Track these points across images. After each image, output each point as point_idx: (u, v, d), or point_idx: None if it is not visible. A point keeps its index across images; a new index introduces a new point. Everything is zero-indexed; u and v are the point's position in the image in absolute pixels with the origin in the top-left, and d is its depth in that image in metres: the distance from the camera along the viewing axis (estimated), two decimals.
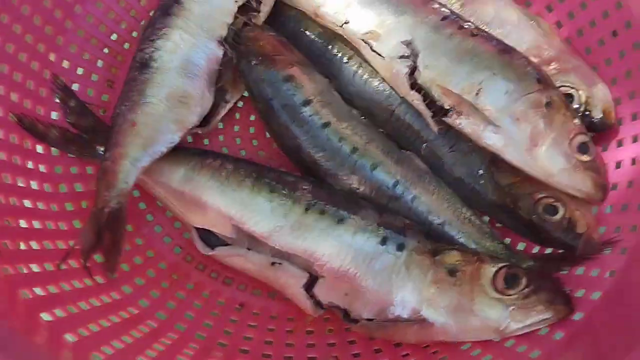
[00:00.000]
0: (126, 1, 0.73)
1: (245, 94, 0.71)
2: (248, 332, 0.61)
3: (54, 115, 0.66)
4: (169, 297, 0.62)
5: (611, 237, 0.55)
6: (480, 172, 0.62)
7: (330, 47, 0.69)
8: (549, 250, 0.61)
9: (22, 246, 0.53)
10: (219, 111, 0.70)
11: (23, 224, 0.56)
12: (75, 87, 0.68)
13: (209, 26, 0.66)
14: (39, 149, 0.63)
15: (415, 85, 0.60)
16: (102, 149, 0.63)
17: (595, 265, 0.55)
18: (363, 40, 0.63)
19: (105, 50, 0.72)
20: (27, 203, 0.58)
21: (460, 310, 0.52)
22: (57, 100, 0.65)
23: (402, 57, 0.61)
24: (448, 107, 0.58)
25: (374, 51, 0.62)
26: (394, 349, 0.57)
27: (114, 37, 0.72)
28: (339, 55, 0.68)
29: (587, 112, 0.61)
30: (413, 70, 0.60)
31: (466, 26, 0.61)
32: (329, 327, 0.61)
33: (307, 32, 0.70)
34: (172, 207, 0.63)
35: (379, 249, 0.55)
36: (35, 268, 0.53)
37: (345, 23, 0.64)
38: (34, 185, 0.60)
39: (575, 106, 0.61)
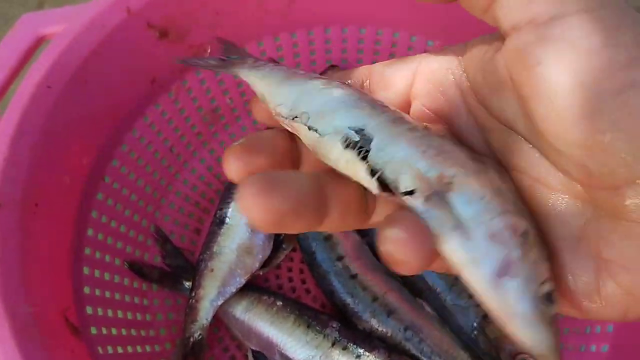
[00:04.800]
0: (215, 169, 0.94)
1: None
2: None
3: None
4: None
5: None
6: (475, 324, 0.75)
7: None
8: None
9: None
10: (277, 256, 0.88)
11: (130, 349, 0.73)
12: (172, 236, 0.88)
13: None
14: (144, 287, 0.83)
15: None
16: (187, 283, 0.83)
17: None
18: None
19: (197, 205, 0.93)
20: (133, 332, 0.76)
21: None
22: (158, 247, 0.85)
23: None
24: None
25: None
26: None
27: (203, 195, 0.93)
28: None
29: None
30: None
31: None
32: None
33: None
34: (235, 331, 0.81)
35: None
36: None
37: None
38: (138, 316, 0.79)
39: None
